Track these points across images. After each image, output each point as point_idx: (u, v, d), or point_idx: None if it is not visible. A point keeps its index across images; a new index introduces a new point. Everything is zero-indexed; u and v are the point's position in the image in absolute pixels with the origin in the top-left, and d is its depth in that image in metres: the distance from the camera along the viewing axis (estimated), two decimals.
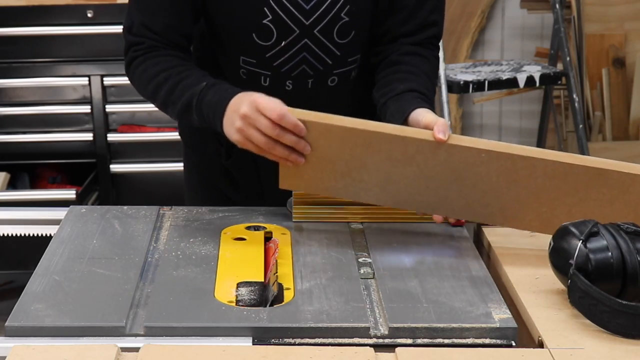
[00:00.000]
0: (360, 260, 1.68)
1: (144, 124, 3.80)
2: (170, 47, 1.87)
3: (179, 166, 3.76)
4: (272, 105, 1.66)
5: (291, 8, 1.85)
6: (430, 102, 1.88)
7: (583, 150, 3.74)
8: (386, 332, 1.45)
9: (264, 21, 1.86)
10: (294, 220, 1.84)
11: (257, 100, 1.68)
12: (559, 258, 1.50)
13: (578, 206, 1.68)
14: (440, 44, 3.43)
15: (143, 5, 1.88)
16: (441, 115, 3.45)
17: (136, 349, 1.38)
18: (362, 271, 1.63)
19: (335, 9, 1.87)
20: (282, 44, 1.88)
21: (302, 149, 1.69)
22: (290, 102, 1.77)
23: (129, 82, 1.94)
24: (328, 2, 1.86)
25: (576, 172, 1.66)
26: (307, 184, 1.76)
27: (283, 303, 1.52)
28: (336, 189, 1.75)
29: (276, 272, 1.59)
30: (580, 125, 3.76)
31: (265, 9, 1.85)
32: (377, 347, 1.41)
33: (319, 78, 1.93)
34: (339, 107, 1.97)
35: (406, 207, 1.76)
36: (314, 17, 1.86)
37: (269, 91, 1.83)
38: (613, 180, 1.66)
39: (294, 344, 1.42)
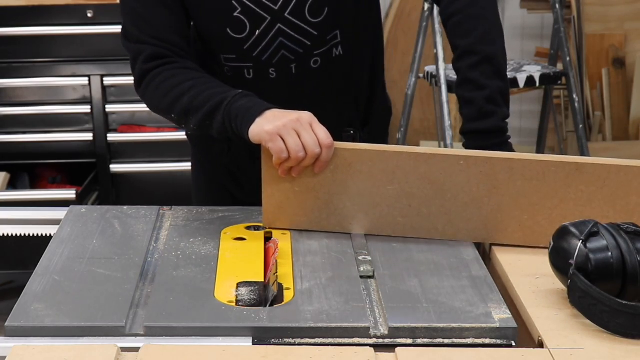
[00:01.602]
0: (360, 258, 1.68)
1: (144, 124, 3.80)
2: (177, 54, 1.88)
3: (179, 166, 3.81)
4: (327, 131, 1.72)
5: None
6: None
7: (583, 150, 3.74)
8: (386, 332, 1.45)
9: (235, 14, 1.87)
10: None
11: (315, 119, 1.72)
12: (559, 258, 1.50)
13: (558, 209, 1.70)
14: (440, 45, 3.45)
15: (140, 11, 1.88)
16: (441, 115, 3.45)
17: (136, 349, 1.38)
18: (362, 269, 1.63)
19: None
20: (257, 34, 1.89)
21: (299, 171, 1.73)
22: (276, 90, 1.77)
23: (128, 82, 1.94)
24: None
25: (553, 169, 1.69)
26: (291, 219, 1.79)
27: (283, 303, 1.52)
28: (319, 221, 1.78)
29: (276, 272, 1.59)
30: (580, 125, 3.76)
31: (233, 1, 1.86)
32: (377, 347, 1.41)
33: (301, 61, 1.93)
34: (325, 90, 1.97)
35: (390, 232, 1.77)
36: (282, 0, 1.86)
37: (254, 83, 1.83)
38: (589, 175, 1.68)
39: (294, 344, 1.42)
